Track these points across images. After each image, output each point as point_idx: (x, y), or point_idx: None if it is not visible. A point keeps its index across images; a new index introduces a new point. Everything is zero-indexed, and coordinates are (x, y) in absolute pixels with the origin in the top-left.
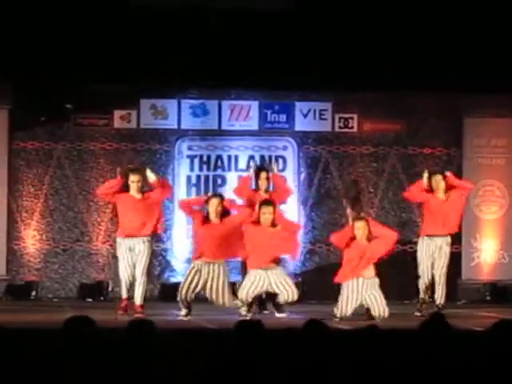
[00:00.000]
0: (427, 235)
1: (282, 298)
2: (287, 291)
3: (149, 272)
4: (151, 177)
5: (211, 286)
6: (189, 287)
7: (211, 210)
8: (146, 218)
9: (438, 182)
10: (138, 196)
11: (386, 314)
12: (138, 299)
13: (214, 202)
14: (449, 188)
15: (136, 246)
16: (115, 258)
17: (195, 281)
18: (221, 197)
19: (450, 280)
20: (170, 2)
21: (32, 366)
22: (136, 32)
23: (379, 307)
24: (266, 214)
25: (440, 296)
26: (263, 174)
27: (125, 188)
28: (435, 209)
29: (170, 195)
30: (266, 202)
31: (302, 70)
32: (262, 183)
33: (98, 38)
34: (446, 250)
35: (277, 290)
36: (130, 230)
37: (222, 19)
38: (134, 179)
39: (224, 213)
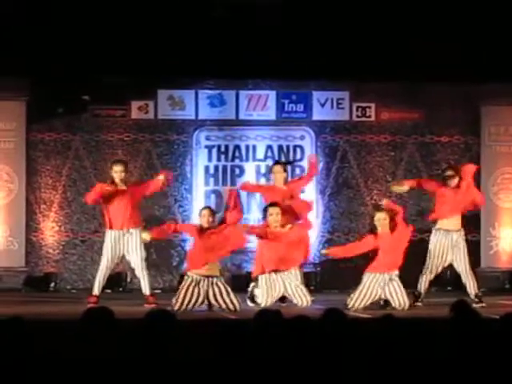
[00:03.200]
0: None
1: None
2: (301, 300)
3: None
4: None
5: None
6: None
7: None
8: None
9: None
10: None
11: (406, 307)
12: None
13: (205, 213)
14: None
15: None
16: None
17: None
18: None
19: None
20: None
21: (51, 358)
22: (153, 23)
23: (399, 300)
24: (274, 214)
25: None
26: (276, 168)
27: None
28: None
29: None
30: (272, 204)
31: (320, 60)
32: (277, 177)
33: (116, 29)
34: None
35: (291, 297)
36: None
37: (238, 10)
38: (116, 169)
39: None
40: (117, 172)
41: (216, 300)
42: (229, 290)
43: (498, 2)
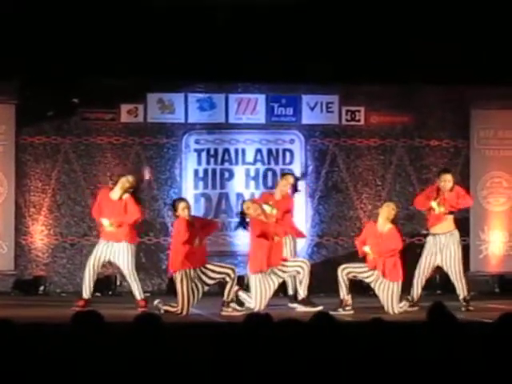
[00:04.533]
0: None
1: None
2: (298, 272)
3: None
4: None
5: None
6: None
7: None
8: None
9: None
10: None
11: (394, 312)
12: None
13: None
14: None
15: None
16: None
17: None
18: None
19: None
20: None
21: (40, 361)
22: (143, 27)
23: (388, 306)
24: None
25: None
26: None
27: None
28: None
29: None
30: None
31: (309, 63)
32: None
33: (105, 32)
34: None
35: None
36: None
37: (227, 14)
38: (130, 179)
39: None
40: (129, 181)
41: (213, 278)
42: (215, 263)
43: (488, 7)
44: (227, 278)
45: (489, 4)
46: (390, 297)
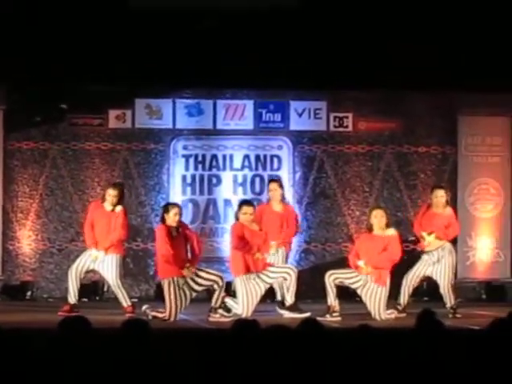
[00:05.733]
0: None
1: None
2: (285, 278)
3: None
4: None
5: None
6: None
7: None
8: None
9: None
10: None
11: (381, 318)
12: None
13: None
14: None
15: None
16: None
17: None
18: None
19: None
20: (168, 3)
21: (27, 366)
22: (131, 33)
23: (375, 312)
24: (247, 213)
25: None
26: (272, 185)
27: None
28: None
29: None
30: (246, 202)
31: (297, 69)
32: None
33: (93, 38)
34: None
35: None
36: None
37: (215, 20)
38: (110, 193)
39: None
40: (110, 195)
41: (201, 285)
42: (204, 269)
43: (475, 15)
44: (215, 286)
45: (477, 13)
46: (377, 303)
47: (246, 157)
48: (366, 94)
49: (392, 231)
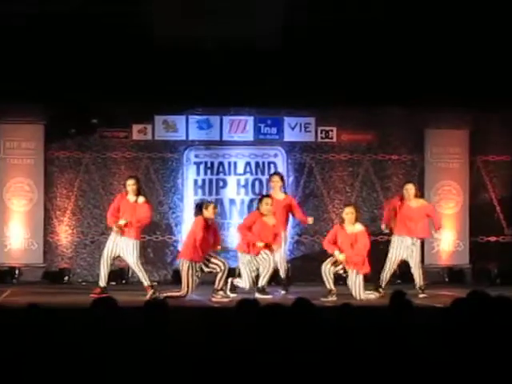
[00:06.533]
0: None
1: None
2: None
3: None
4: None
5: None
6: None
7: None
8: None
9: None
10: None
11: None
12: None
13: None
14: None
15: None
16: None
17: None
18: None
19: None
20: (187, 40)
21: (65, 340)
22: (152, 61)
23: (356, 293)
24: (269, 204)
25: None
26: (274, 177)
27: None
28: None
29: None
30: (267, 195)
31: (290, 92)
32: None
33: (120, 65)
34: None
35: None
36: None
37: (224, 51)
38: (129, 183)
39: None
40: (129, 185)
41: (208, 267)
42: (211, 255)
43: (440, 36)
44: (218, 269)
45: (441, 39)
46: (356, 286)
47: (248, 163)
48: (347, 111)
49: (359, 226)
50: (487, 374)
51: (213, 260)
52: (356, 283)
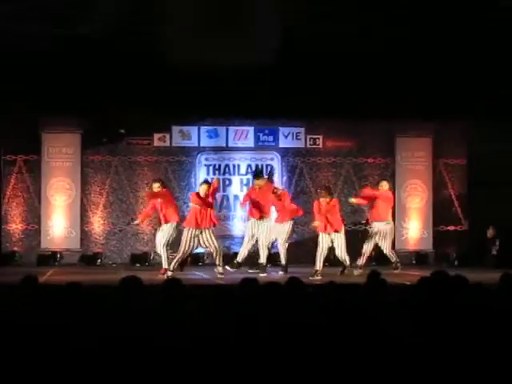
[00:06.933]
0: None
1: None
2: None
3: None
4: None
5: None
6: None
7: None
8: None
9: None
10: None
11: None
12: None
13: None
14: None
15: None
16: (154, 235)
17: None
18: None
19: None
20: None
21: (98, 314)
22: (170, 82)
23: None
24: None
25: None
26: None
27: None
28: None
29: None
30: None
31: (284, 106)
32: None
33: (143, 82)
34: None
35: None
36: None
37: (228, 72)
38: (155, 186)
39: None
40: (155, 188)
41: (204, 243)
42: (212, 235)
43: (411, 58)
44: (211, 249)
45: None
46: (342, 247)
47: (249, 166)
48: (332, 122)
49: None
50: (449, 345)
51: (210, 239)
52: (341, 244)
